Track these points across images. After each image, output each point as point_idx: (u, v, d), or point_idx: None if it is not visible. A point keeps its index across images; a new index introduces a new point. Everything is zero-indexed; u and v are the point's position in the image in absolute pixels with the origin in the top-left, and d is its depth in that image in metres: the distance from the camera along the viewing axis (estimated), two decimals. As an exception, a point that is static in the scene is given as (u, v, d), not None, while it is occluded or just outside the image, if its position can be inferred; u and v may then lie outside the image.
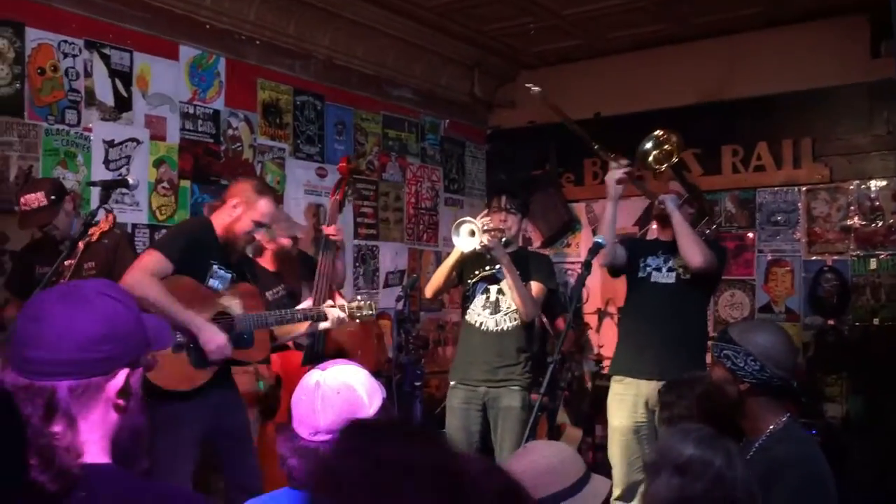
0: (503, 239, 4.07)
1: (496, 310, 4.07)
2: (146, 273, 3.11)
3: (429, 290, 4.27)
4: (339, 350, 4.13)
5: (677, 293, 3.92)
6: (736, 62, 6.16)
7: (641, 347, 3.96)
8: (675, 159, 4.06)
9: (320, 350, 4.05)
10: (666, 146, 4.06)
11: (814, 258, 5.95)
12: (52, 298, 1.38)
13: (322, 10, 5.57)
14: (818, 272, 5.89)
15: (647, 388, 3.79)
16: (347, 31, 5.88)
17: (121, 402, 1.39)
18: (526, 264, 4.15)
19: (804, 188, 6.00)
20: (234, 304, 3.40)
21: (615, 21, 6.03)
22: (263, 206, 3.46)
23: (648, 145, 4.07)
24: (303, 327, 3.77)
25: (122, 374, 1.39)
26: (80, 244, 3.51)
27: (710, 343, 3.72)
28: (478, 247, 3.88)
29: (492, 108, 7.40)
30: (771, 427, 2.32)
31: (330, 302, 3.78)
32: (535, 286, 4.14)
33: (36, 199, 3.67)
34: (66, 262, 3.42)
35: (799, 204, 6.01)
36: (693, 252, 3.79)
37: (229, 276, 3.42)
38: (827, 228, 5.92)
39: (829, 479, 2.26)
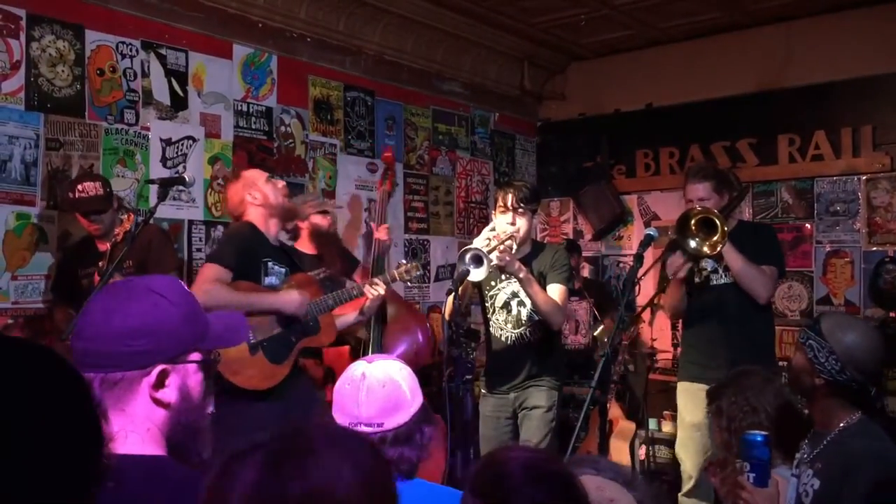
0: (513, 247, 3.69)
1: (518, 324, 3.84)
2: (209, 283, 3.21)
3: (447, 314, 3.88)
4: (398, 338, 4.17)
5: (738, 293, 3.82)
6: (793, 49, 6.03)
7: (710, 354, 3.88)
8: (718, 221, 3.67)
9: (377, 343, 4.06)
10: (698, 230, 3.73)
11: (874, 249, 5.80)
12: (104, 293, 1.46)
13: (371, 6, 5.60)
14: (879, 263, 5.74)
15: None
16: (397, 26, 5.91)
17: (159, 397, 1.41)
18: (543, 261, 3.87)
19: (864, 177, 5.85)
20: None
21: (668, 10, 5.95)
22: (251, 172, 3.64)
23: (692, 244, 3.72)
24: (352, 315, 3.85)
25: (156, 371, 1.40)
26: (108, 245, 3.63)
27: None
28: (487, 273, 3.54)
29: (542, 101, 7.37)
30: (843, 423, 2.26)
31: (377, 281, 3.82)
32: (558, 290, 3.78)
33: (94, 187, 3.82)
34: (100, 263, 3.55)
35: (859, 193, 5.87)
36: (757, 292, 3.77)
37: (284, 270, 3.51)
38: (888, 218, 5.76)
39: None
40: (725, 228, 3.64)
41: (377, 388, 1.89)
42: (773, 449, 2.40)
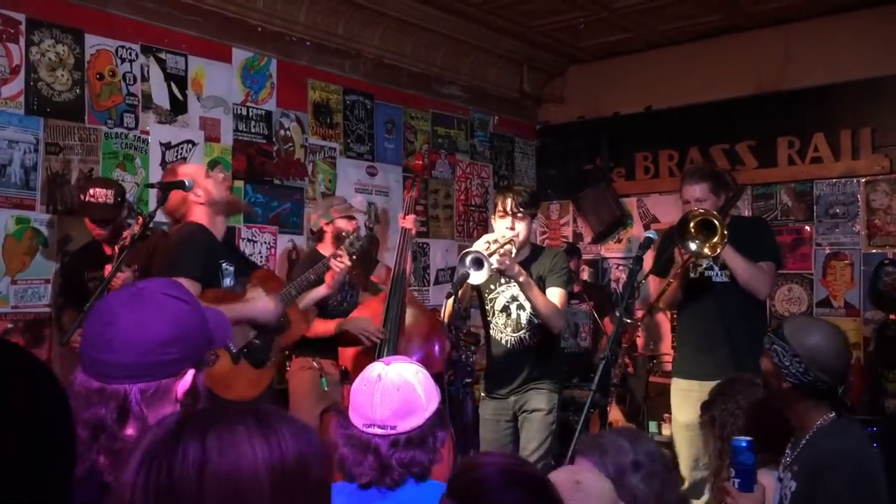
0: (513, 251, 3.70)
1: (518, 327, 3.83)
2: None
3: (445, 317, 3.82)
4: (414, 344, 4.16)
5: (735, 291, 3.82)
6: (792, 52, 6.04)
7: (704, 350, 3.87)
8: (717, 223, 3.66)
9: (392, 346, 4.05)
10: (694, 223, 3.72)
11: (874, 251, 5.81)
12: (121, 301, 1.42)
13: (370, 9, 5.61)
14: (879, 265, 5.74)
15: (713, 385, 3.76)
16: (396, 29, 5.91)
17: (188, 402, 1.42)
18: (542, 264, 3.86)
19: (863, 179, 5.86)
20: (259, 294, 3.39)
21: (667, 13, 5.95)
22: (188, 167, 3.53)
23: (693, 246, 3.71)
24: (320, 290, 3.87)
25: (189, 375, 1.42)
26: (117, 248, 3.61)
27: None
28: (487, 276, 3.56)
29: (541, 104, 7.38)
30: (818, 423, 2.29)
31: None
32: (558, 294, 3.78)
33: (105, 194, 3.81)
34: (106, 266, 3.54)
35: (858, 196, 5.87)
36: (758, 289, 3.78)
37: (232, 267, 3.36)
38: (887, 221, 5.77)
39: (878, 474, 2.22)
40: (725, 231, 3.64)
41: (392, 391, 1.90)
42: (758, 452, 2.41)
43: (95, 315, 1.41)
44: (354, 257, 3.86)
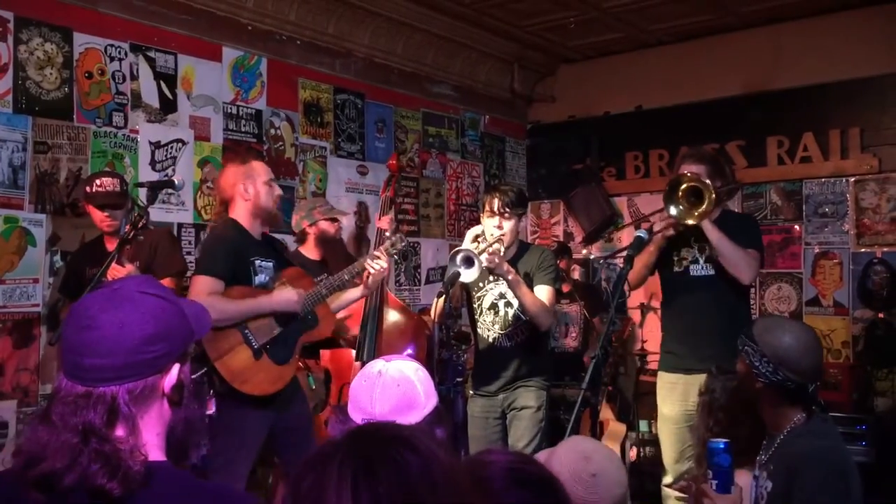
0: (501, 250, 3.72)
1: (506, 325, 3.83)
2: (203, 296, 3.13)
3: (436, 316, 3.83)
4: (391, 345, 4.15)
5: (718, 284, 3.79)
6: (781, 52, 6.07)
7: (689, 344, 3.85)
8: (706, 193, 3.64)
9: (372, 345, 4.06)
10: (683, 187, 3.70)
11: (863, 250, 5.83)
12: (98, 304, 1.39)
13: (361, 8, 5.60)
14: (867, 264, 5.77)
15: (698, 379, 3.73)
16: (387, 29, 5.91)
17: (175, 396, 1.42)
18: (529, 262, 3.87)
19: (852, 179, 5.89)
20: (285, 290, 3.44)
21: (657, 13, 5.97)
22: (258, 165, 3.51)
23: (673, 210, 3.70)
24: (356, 291, 3.82)
25: (174, 370, 1.42)
26: (116, 243, 3.61)
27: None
28: (478, 274, 3.58)
29: (532, 103, 7.39)
30: (792, 422, 2.30)
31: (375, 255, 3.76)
32: (546, 291, 3.79)
33: (112, 183, 3.83)
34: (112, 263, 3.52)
35: (847, 195, 5.90)
36: (739, 271, 3.73)
37: (271, 264, 3.44)
38: (876, 220, 5.79)
39: (851, 474, 2.23)
40: (713, 196, 3.62)
41: (392, 387, 1.91)
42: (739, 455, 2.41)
43: (73, 319, 1.39)
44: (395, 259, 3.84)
